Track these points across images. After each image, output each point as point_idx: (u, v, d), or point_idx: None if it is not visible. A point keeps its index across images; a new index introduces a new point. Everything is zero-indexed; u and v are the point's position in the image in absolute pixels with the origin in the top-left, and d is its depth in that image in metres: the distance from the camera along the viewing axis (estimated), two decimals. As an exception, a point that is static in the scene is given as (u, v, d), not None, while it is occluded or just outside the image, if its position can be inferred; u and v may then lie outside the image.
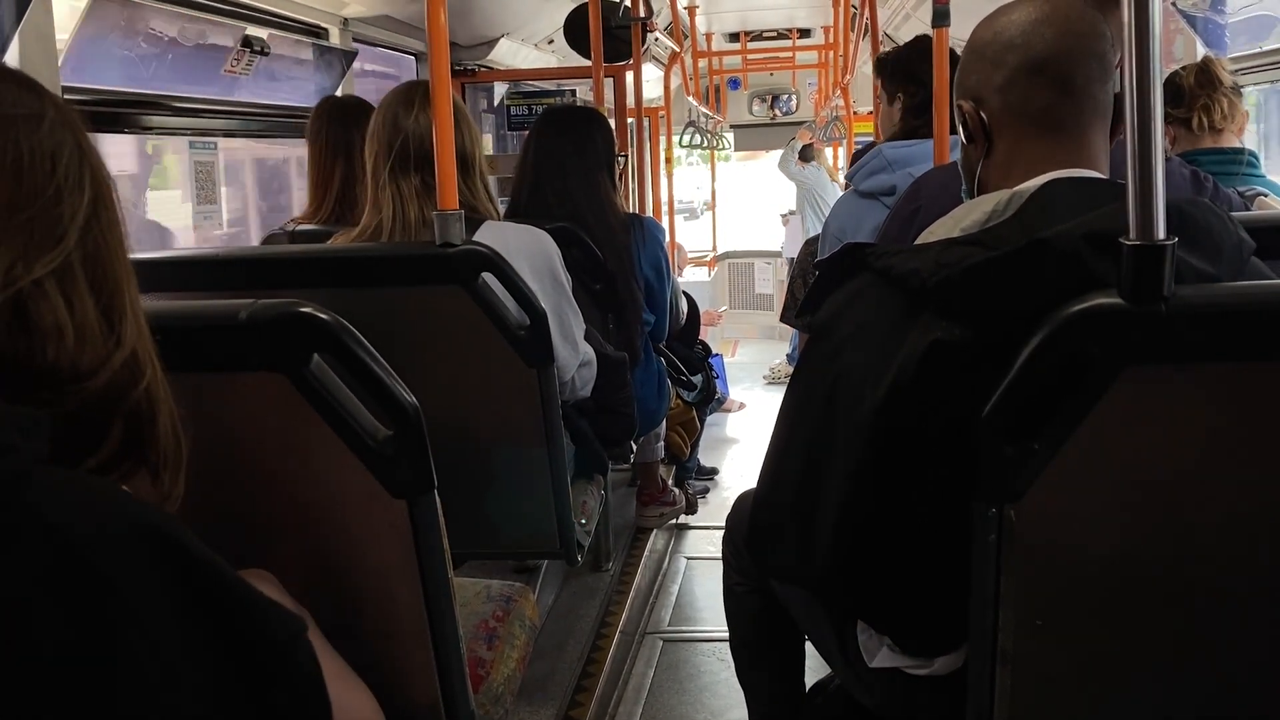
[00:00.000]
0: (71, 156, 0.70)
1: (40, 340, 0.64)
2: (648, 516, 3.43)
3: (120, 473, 0.69)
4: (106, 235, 0.71)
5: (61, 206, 0.68)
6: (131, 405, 0.70)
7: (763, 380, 6.74)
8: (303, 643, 0.64)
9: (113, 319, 0.70)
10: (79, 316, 0.67)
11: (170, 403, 0.74)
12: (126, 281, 0.72)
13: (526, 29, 4.70)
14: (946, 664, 1.20)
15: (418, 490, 1.03)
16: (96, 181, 0.71)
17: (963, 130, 1.24)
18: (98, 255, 0.70)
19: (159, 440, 0.72)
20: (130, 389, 0.70)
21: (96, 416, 0.67)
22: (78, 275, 0.68)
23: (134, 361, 0.70)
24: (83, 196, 0.70)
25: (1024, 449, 0.96)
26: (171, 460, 0.73)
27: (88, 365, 0.66)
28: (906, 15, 5.60)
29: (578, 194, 2.55)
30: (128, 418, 0.69)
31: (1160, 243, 0.89)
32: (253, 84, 2.75)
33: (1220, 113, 2.27)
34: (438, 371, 1.66)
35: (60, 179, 0.68)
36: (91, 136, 0.73)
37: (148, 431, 0.71)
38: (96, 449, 0.67)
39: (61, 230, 0.68)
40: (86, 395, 0.66)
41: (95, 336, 0.68)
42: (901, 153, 2.28)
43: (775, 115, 9.43)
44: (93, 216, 0.70)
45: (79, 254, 0.68)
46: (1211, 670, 1.04)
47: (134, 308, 0.73)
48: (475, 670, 1.40)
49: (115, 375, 0.68)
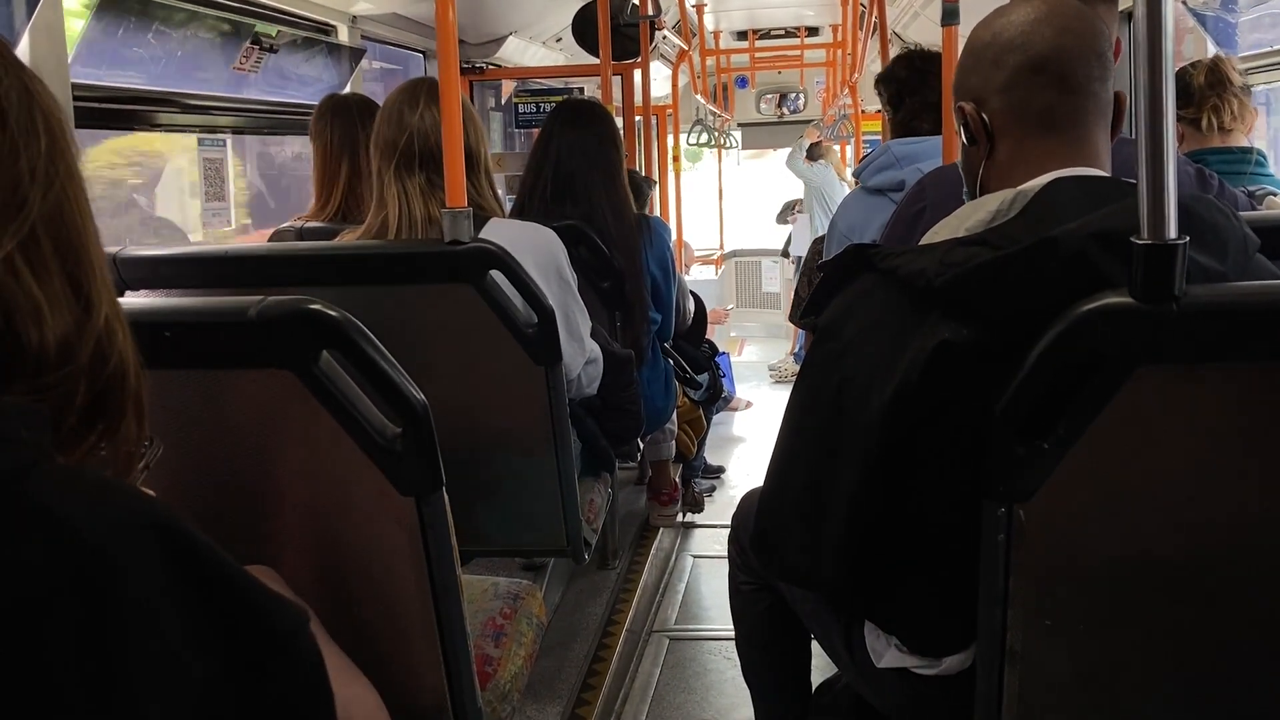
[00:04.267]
0: (20, 102, 0.61)
1: (18, 323, 0.59)
2: (665, 516, 3.42)
3: (95, 434, 0.64)
4: (67, 187, 0.63)
5: (19, 164, 0.60)
6: (107, 375, 0.64)
7: (770, 379, 6.75)
8: (305, 635, 0.63)
9: (80, 283, 0.63)
10: (49, 288, 0.60)
11: (136, 358, 0.67)
12: (91, 239, 0.65)
13: (534, 27, 4.70)
14: (954, 664, 1.20)
15: (426, 488, 1.03)
16: (50, 126, 0.63)
17: (964, 132, 1.24)
18: (60, 213, 0.62)
19: (127, 400, 0.66)
20: (107, 361, 0.64)
21: (68, 387, 0.62)
22: (42, 240, 0.61)
23: (108, 331, 0.64)
24: (39, 146, 0.61)
25: (1034, 448, 0.96)
26: (140, 413, 0.67)
27: (68, 342, 0.61)
28: (915, 13, 5.59)
29: (599, 189, 2.53)
30: (101, 385, 0.64)
31: (1172, 242, 0.89)
32: (262, 81, 2.76)
33: (1230, 113, 2.26)
34: (446, 369, 1.66)
35: (13, 131, 0.60)
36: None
37: (117, 395, 0.65)
38: (65, 417, 0.61)
39: (23, 193, 0.60)
40: (72, 375, 0.61)
41: (65, 308, 0.61)
42: (910, 149, 2.29)
43: (783, 114, 9.42)
44: (51, 169, 0.62)
45: (41, 215, 0.61)
46: (1221, 670, 1.04)
47: (100, 267, 0.65)
48: (482, 667, 1.40)
49: (94, 348, 0.63)
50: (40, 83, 0.64)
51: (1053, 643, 1.03)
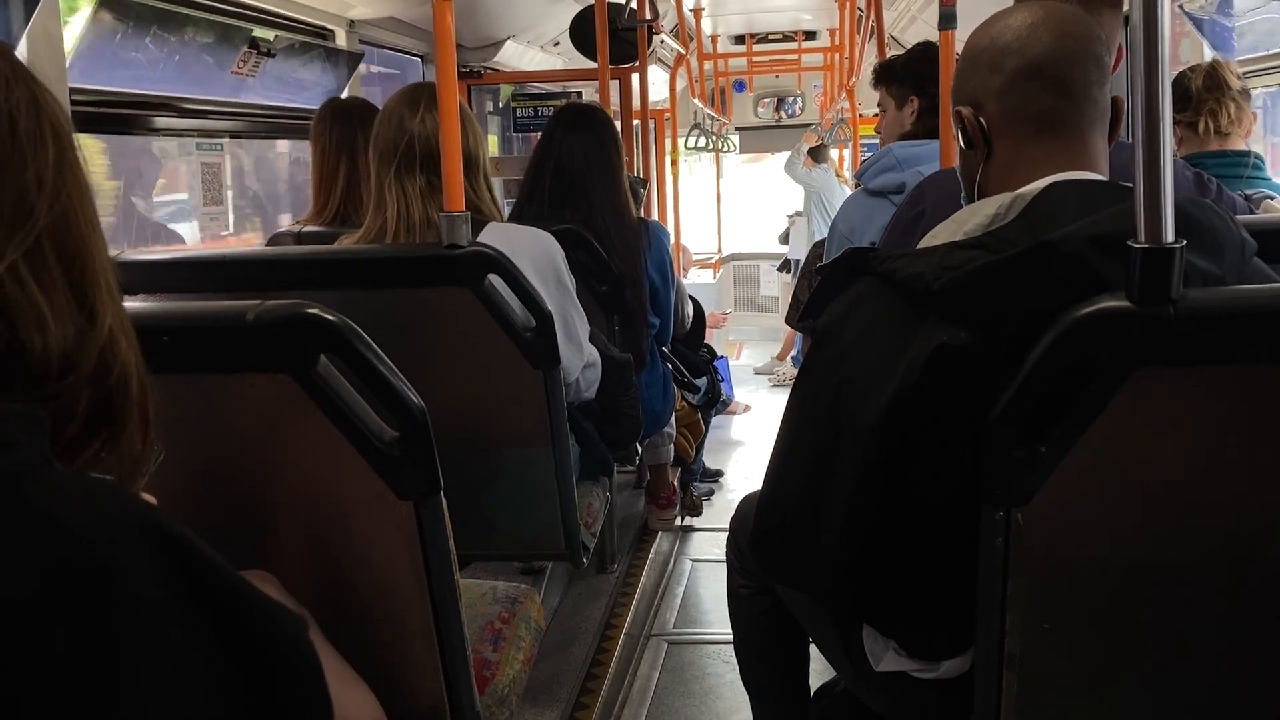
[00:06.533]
0: (29, 112, 0.62)
1: (22, 331, 0.59)
2: (663, 519, 3.41)
3: (98, 443, 0.65)
4: (74, 198, 0.64)
5: (27, 174, 0.61)
6: (110, 385, 0.64)
7: (768, 382, 6.75)
8: (303, 641, 0.63)
9: (84, 293, 0.63)
10: (53, 297, 0.61)
11: (141, 370, 0.67)
12: (97, 249, 0.65)
13: (532, 31, 4.70)
14: (953, 668, 1.20)
15: (424, 491, 1.03)
16: (59, 136, 0.63)
17: (961, 136, 1.24)
18: (66, 224, 0.63)
19: (130, 410, 0.66)
20: (110, 372, 0.64)
21: (71, 396, 0.62)
22: (47, 250, 0.61)
23: (111, 341, 0.64)
24: (47, 156, 0.62)
25: (1032, 452, 0.96)
26: (145, 423, 0.68)
27: (71, 352, 0.61)
28: (912, 18, 5.60)
29: (601, 192, 2.53)
30: (104, 395, 0.64)
31: (1169, 245, 0.89)
32: (259, 85, 2.76)
33: (1227, 117, 2.26)
34: (444, 373, 1.66)
35: (23, 141, 0.61)
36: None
37: (120, 405, 0.65)
38: (66, 425, 0.62)
39: (30, 202, 0.60)
40: (74, 385, 0.61)
41: (69, 317, 0.62)
42: (911, 151, 2.29)
43: (781, 117, 9.44)
44: (59, 179, 0.62)
45: (47, 225, 0.61)
46: (1220, 675, 1.04)
47: (105, 277, 0.65)
48: (480, 672, 1.40)
49: (97, 359, 0.63)
50: (49, 93, 0.65)
51: (1051, 646, 1.03)
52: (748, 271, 8.93)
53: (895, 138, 2.45)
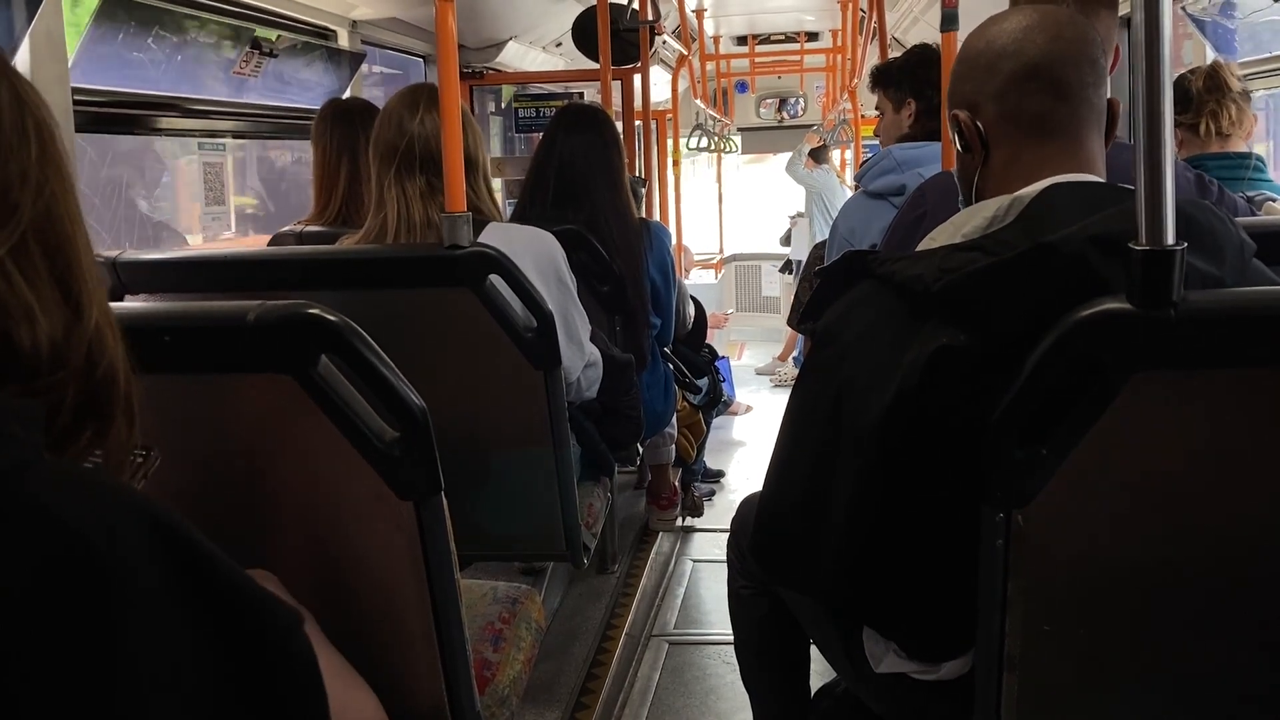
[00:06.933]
0: (11, 108, 0.62)
1: (11, 326, 0.59)
2: (664, 520, 3.41)
3: (86, 437, 0.65)
4: (58, 194, 0.63)
5: (10, 169, 0.61)
6: (97, 378, 0.64)
7: (769, 383, 6.76)
8: (299, 635, 0.63)
9: (70, 288, 0.63)
10: (39, 292, 0.61)
11: (126, 363, 0.67)
12: (81, 245, 0.65)
13: (534, 31, 4.70)
14: (953, 669, 1.20)
15: (425, 492, 1.03)
16: (41, 131, 0.63)
17: (958, 140, 1.24)
18: (50, 219, 0.63)
19: (117, 403, 0.66)
20: (97, 365, 0.64)
21: (60, 390, 0.62)
22: (32, 245, 0.61)
23: (98, 335, 0.65)
24: (30, 152, 0.62)
25: (1033, 454, 0.96)
26: (130, 417, 0.68)
27: (60, 346, 0.61)
28: (915, 19, 5.60)
29: (603, 192, 2.53)
30: (92, 388, 0.64)
31: (1170, 248, 0.89)
32: (261, 85, 2.76)
33: (1228, 119, 2.26)
34: (445, 373, 1.66)
35: (6, 136, 0.61)
36: None
37: (107, 398, 0.65)
38: (56, 419, 0.62)
39: (15, 198, 0.60)
40: (63, 378, 0.62)
41: (56, 311, 0.62)
42: (911, 154, 2.29)
43: (783, 118, 9.44)
44: (42, 175, 0.62)
45: (32, 220, 0.61)
46: (1221, 676, 1.04)
47: (90, 272, 0.65)
48: (481, 672, 1.40)
49: (85, 352, 0.63)
50: (34, 90, 0.65)
51: (1051, 648, 1.03)
52: (749, 272, 8.93)
53: (893, 140, 2.46)
